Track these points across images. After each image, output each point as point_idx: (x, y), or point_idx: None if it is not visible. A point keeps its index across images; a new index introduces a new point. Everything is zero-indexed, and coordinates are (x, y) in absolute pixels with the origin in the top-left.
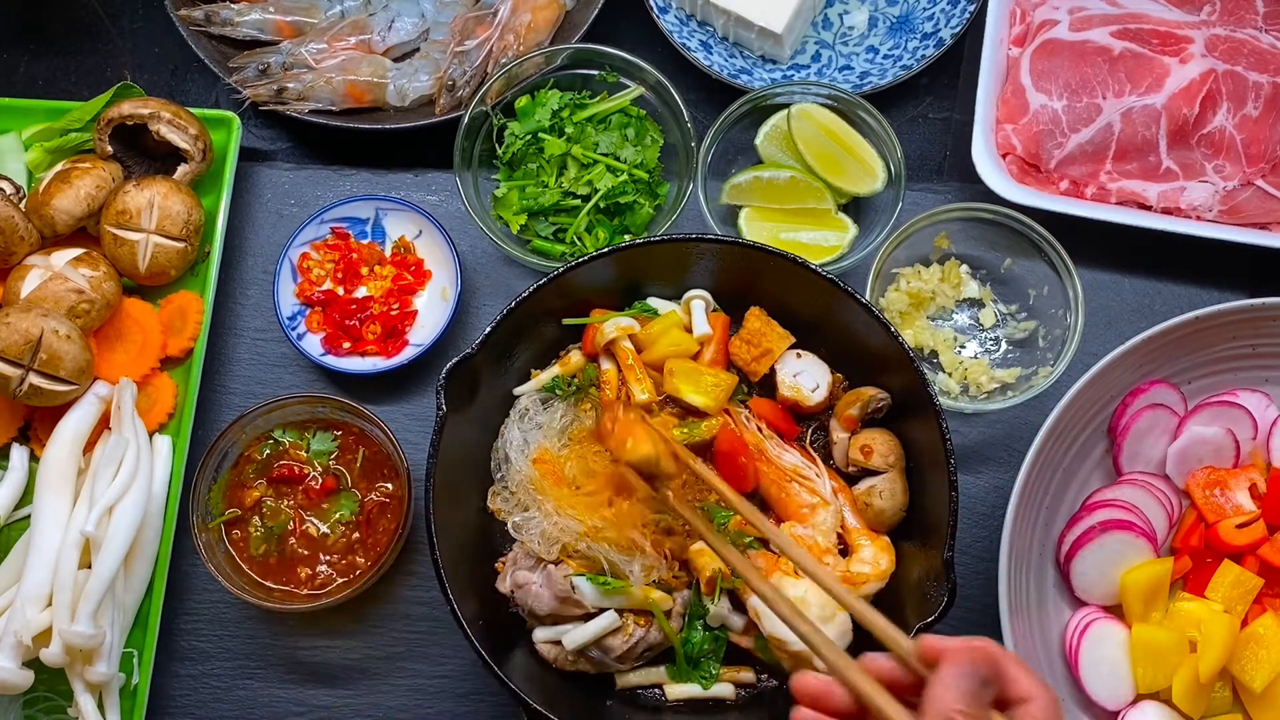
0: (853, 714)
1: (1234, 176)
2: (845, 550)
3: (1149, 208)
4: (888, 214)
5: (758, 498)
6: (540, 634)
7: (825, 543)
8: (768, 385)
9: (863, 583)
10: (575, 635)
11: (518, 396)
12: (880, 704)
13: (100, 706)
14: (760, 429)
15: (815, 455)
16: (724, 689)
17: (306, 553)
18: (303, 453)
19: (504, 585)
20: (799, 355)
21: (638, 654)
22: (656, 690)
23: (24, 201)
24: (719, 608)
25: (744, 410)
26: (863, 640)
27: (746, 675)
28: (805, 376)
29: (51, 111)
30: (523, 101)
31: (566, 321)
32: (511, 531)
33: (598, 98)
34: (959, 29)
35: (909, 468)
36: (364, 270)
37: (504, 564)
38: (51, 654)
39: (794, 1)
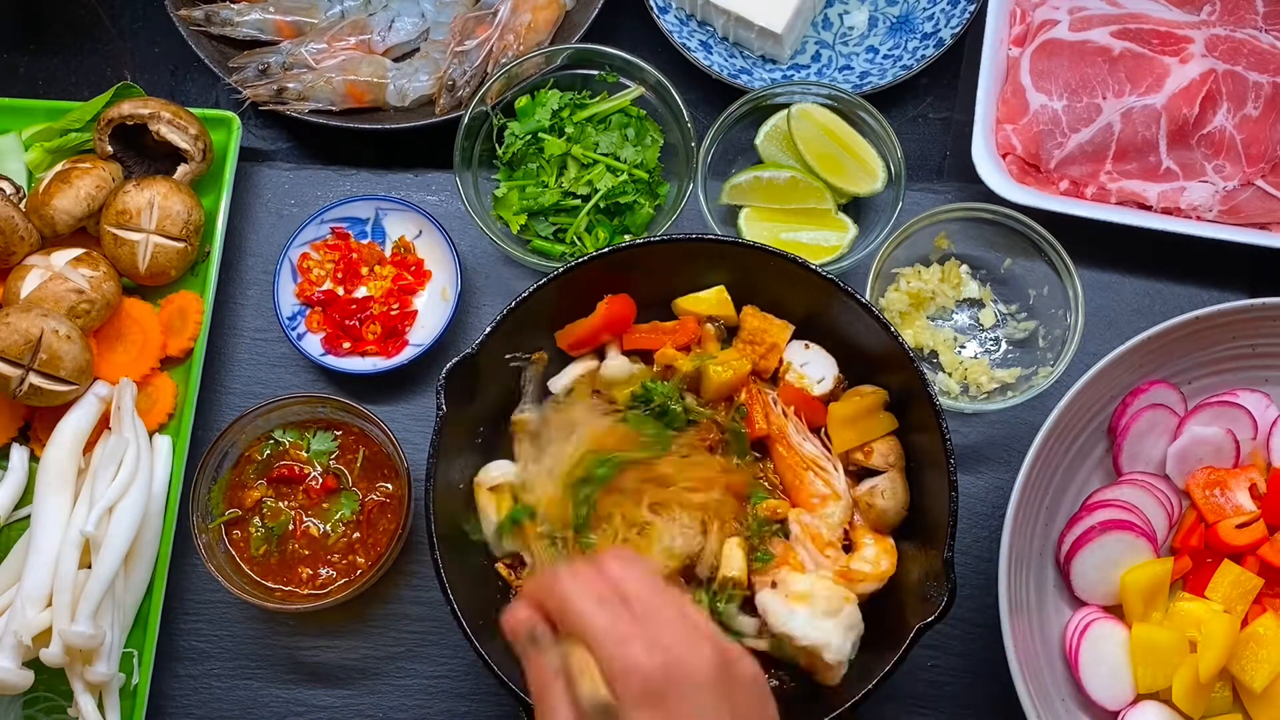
0: None
1: (1234, 176)
2: (849, 548)
3: (1149, 208)
4: (888, 214)
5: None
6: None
7: (830, 535)
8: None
9: (860, 580)
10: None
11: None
12: None
13: (100, 706)
14: (785, 413)
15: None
16: None
17: (307, 553)
18: (303, 453)
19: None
20: (807, 346)
21: None
22: None
23: (24, 201)
24: (728, 609)
25: (771, 392)
26: (873, 631)
27: None
28: (812, 367)
29: (51, 111)
30: (523, 101)
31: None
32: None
33: (598, 98)
34: (959, 29)
35: (909, 468)
36: (364, 270)
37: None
38: (51, 654)
39: (794, 1)
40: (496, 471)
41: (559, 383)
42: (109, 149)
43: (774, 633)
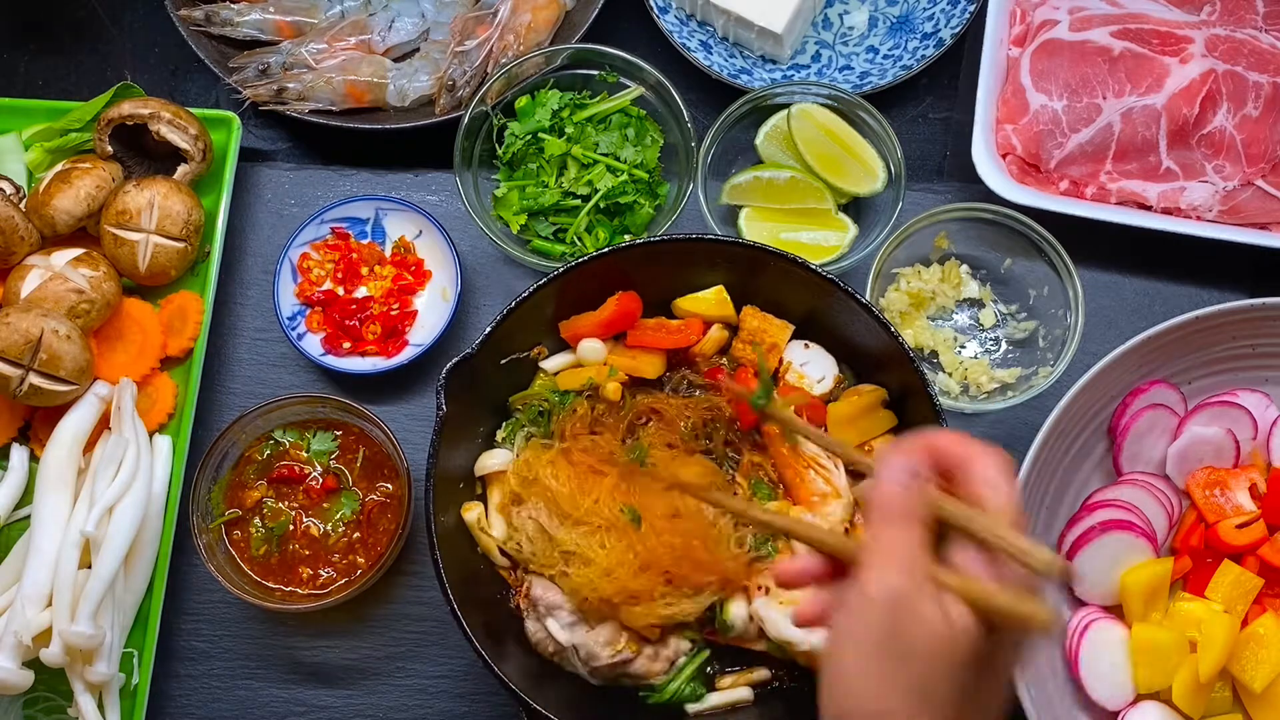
0: (832, 574)
1: (1234, 176)
2: None
3: (1149, 208)
4: (888, 214)
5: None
6: (532, 626)
7: None
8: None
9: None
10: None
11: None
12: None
13: (100, 706)
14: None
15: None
16: (741, 693)
17: (307, 553)
18: (303, 453)
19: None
20: (807, 346)
21: (618, 674)
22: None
23: (24, 201)
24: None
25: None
26: None
27: (761, 674)
28: (812, 366)
29: (51, 111)
30: (523, 101)
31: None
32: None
33: (598, 98)
34: (959, 29)
35: None
36: (364, 270)
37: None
38: (51, 654)
39: (794, 1)
40: (494, 460)
41: (552, 363)
42: (109, 149)
43: (773, 640)
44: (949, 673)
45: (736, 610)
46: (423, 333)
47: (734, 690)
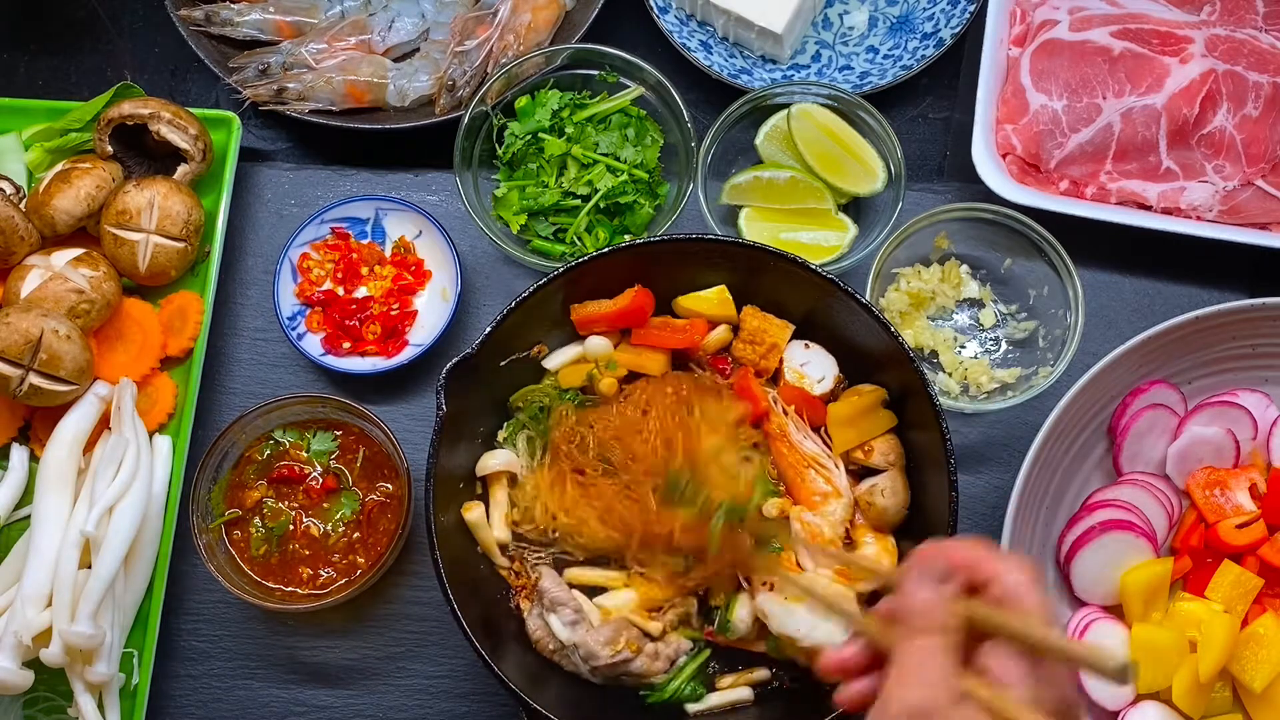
0: (873, 664)
1: (1234, 176)
2: (850, 546)
3: (1149, 208)
4: (888, 214)
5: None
6: (533, 624)
7: (831, 533)
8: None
9: (859, 579)
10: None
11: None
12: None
13: (100, 706)
14: (785, 411)
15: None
16: (741, 693)
17: (307, 553)
18: (303, 453)
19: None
20: (807, 346)
21: (618, 674)
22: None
23: (24, 201)
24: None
25: (772, 391)
26: None
27: (761, 674)
28: (812, 366)
29: (51, 111)
30: (523, 101)
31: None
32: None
33: (598, 98)
34: (959, 29)
35: (909, 468)
36: (364, 270)
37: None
38: (51, 654)
39: (794, 1)
40: (495, 460)
41: (554, 361)
42: (109, 149)
43: (776, 635)
44: None
45: (741, 611)
46: (423, 333)
47: (734, 690)
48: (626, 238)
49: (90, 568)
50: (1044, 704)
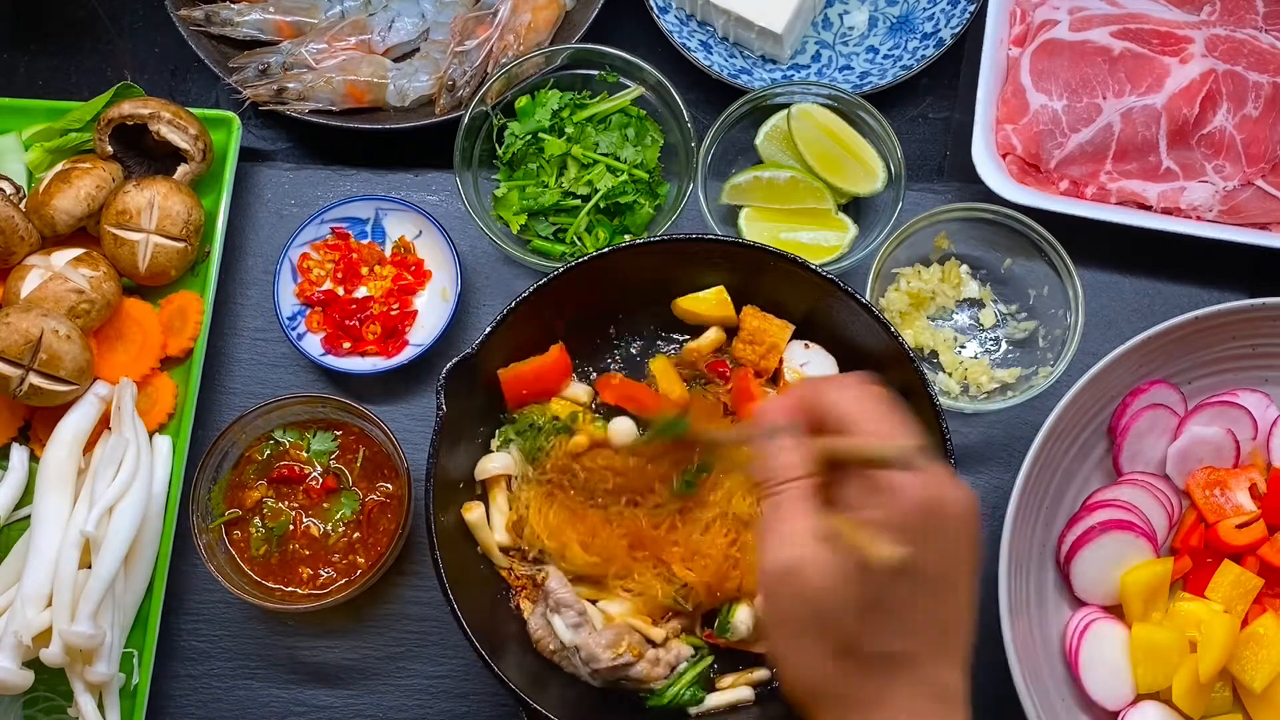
0: None
1: (1234, 176)
2: None
3: (1149, 208)
4: (888, 214)
5: None
6: (534, 623)
7: None
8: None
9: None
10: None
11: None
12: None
13: (100, 706)
14: None
15: None
16: (742, 693)
17: (307, 553)
18: (303, 453)
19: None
20: (807, 346)
21: (618, 677)
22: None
23: (24, 201)
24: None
25: (772, 391)
26: None
27: (761, 674)
28: (812, 367)
29: (51, 111)
30: (523, 101)
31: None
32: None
33: (598, 98)
34: (959, 29)
35: None
36: (364, 270)
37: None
38: (51, 654)
39: (794, 1)
40: (495, 464)
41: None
42: (109, 149)
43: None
44: (872, 619)
45: (741, 614)
46: (423, 333)
47: (735, 690)
48: (626, 238)
49: (90, 568)
50: (893, 519)
